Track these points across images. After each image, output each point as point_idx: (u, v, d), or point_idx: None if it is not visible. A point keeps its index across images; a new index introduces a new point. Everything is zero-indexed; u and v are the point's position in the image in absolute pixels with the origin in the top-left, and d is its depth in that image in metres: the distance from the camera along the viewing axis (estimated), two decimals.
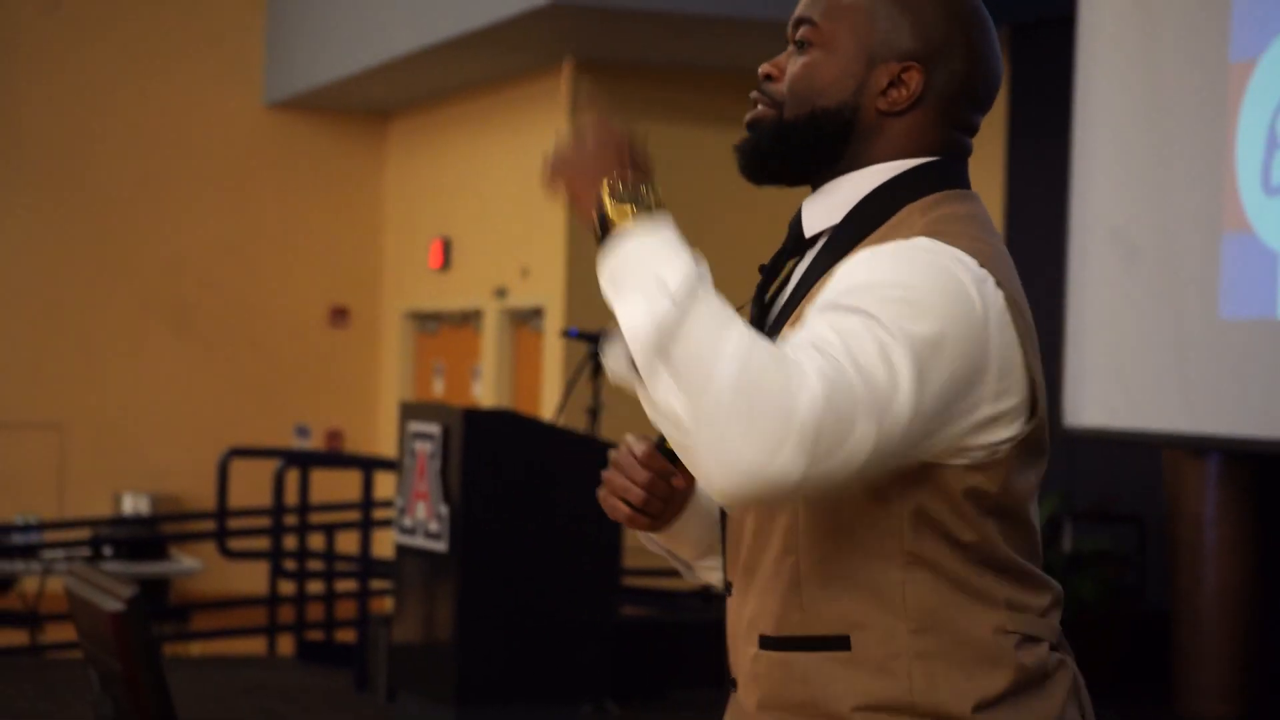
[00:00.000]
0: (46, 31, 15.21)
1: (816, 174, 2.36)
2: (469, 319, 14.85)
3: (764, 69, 2.38)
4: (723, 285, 2.17)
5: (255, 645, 11.39)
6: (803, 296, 2.32)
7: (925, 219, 2.28)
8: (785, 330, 2.31)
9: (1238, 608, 8.87)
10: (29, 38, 15.20)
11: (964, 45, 2.33)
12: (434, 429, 7.95)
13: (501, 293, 13.94)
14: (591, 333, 8.45)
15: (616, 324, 2.18)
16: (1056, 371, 9.20)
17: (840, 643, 2.29)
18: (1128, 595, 9.63)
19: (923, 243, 2.24)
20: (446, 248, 14.88)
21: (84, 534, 11.90)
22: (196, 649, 11.51)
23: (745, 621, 2.37)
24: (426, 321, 15.61)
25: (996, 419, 2.25)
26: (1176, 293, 8.51)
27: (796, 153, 2.34)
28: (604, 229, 2.19)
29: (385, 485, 12.08)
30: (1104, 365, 8.89)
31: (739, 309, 2.34)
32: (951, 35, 2.32)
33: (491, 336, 14.12)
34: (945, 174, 2.33)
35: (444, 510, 7.85)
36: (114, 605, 2.45)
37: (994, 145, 11.74)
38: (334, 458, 14.32)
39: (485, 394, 14.17)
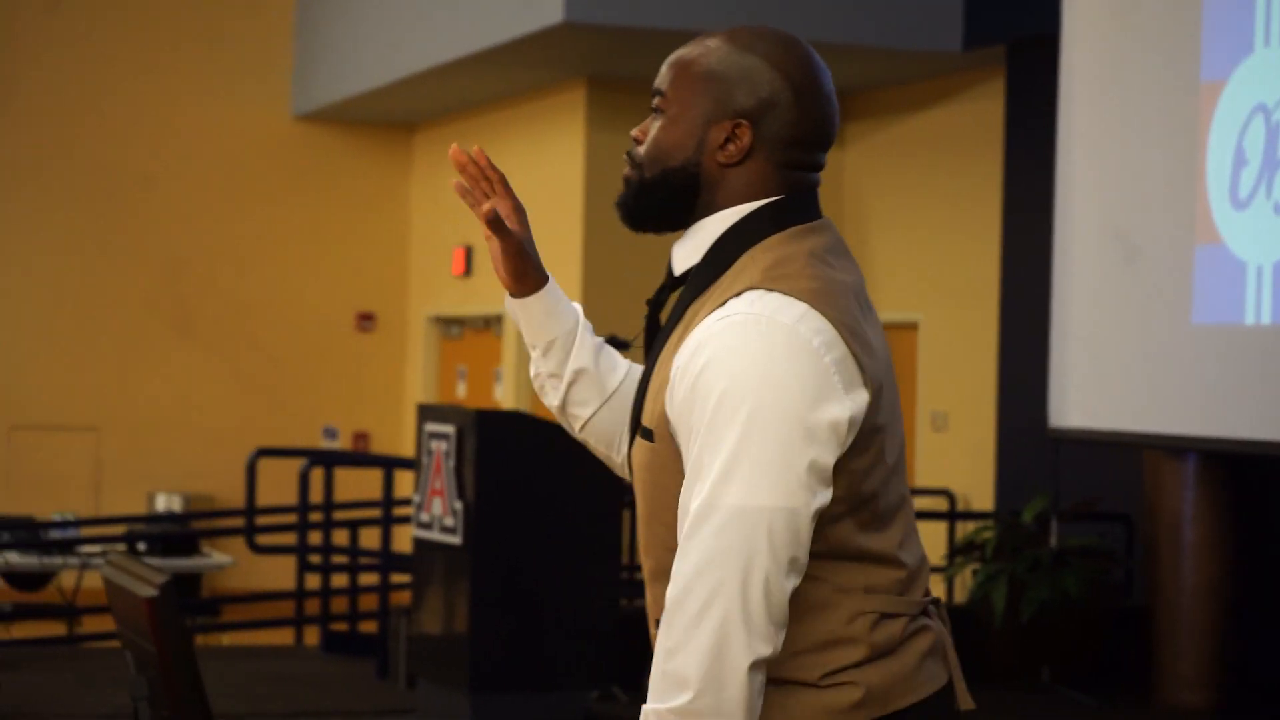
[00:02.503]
0: (65, 42, 15.38)
1: (679, 222, 2.68)
2: (490, 324, 15.04)
3: (633, 133, 2.71)
4: None
5: (282, 636, 11.54)
6: (674, 326, 2.64)
7: (762, 266, 2.57)
8: (662, 356, 2.63)
9: (1213, 602, 9.03)
10: (43, 50, 15.39)
11: (792, 97, 2.62)
12: (449, 429, 8.13)
13: None
14: (609, 338, 8.67)
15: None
16: (1042, 376, 9.50)
17: None
18: (1114, 591, 9.74)
19: (736, 330, 2.50)
20: (469, 255, 15.04)
21: (119, 530, 12.07)
22: (227, 640, 11.61)
23: (649, 607, 2.70)
24: (450, 326, 15.75)
25: (851, 424, 2.51)
26: (1153, 301, 8.68)
27: (657, 205, 2.67)
28: None
29: (405, 483, 12.40)
30: (1087, 370, 9.03)
31: (636, 336, 2.76)
32: (779, 91, 2.61)
33: (512, 341, 14.25)
34: (786, 212, 2.63)
35: (458, 506, 8.04)
36: (148, 591, 2.61)
37: (992, 160, 12.00)
38: (356, 457, 14.27)
39: (506, 396, 14.28)
